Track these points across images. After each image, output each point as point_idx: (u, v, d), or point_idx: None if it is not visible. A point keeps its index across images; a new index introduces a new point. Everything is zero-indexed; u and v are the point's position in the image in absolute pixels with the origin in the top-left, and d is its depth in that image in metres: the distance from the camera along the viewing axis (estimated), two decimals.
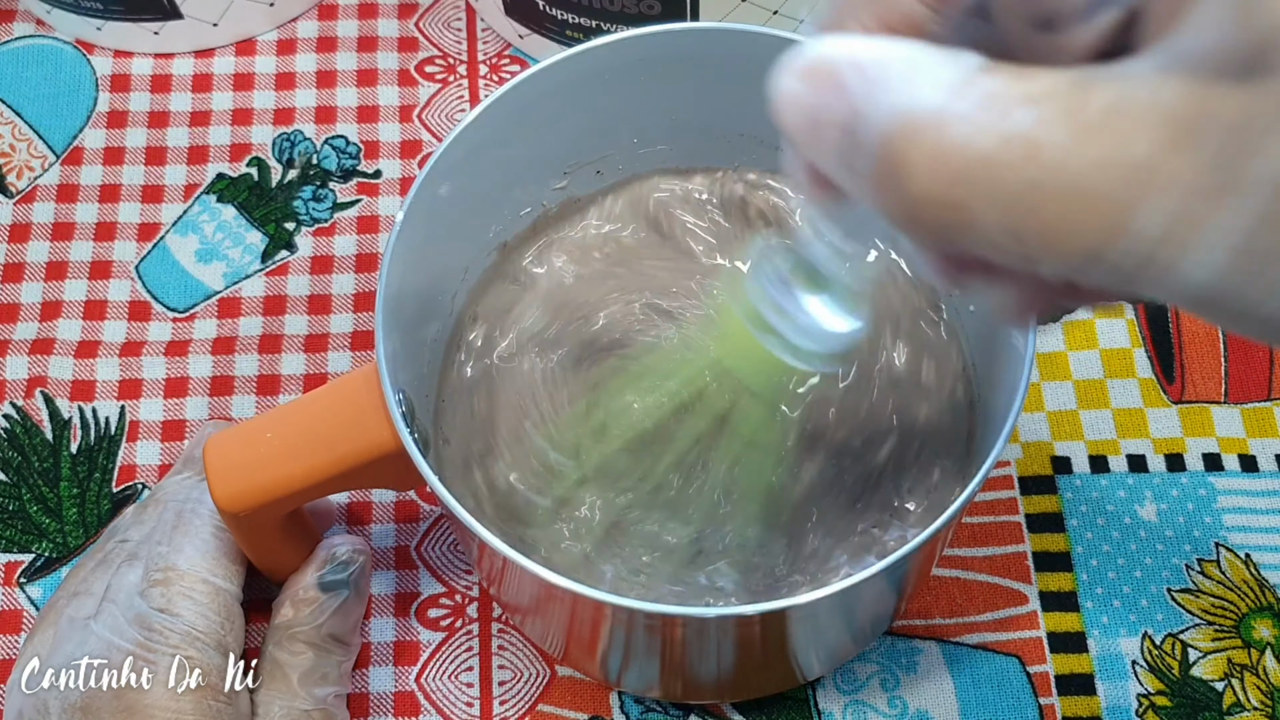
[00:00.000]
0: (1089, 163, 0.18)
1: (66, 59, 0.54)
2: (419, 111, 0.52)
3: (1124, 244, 0.18)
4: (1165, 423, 0.45)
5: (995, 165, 0.18)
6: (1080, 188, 0.18)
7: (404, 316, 0.36)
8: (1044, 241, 0.18)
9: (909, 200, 0.19)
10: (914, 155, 0.19)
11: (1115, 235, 0.18)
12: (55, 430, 0.46)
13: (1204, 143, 0.17)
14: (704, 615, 0.32)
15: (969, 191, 0.19)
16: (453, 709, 0.42)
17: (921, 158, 0.19)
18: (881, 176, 0.19)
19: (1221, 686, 0.41)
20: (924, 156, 0.19)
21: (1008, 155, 0.18)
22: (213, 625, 0.37)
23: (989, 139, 0.18)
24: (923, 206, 0.19)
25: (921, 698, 0.41)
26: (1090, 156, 0.18)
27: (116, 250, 0.50)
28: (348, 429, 0.34)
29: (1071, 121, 0.18)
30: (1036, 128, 0.18)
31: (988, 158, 0.18)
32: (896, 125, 0.19)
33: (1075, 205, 0.18)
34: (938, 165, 0.19)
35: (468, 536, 0.34)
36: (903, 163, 0.19)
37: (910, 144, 0.19)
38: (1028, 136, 0.18)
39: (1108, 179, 0.18)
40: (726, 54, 0.38)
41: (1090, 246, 0.18)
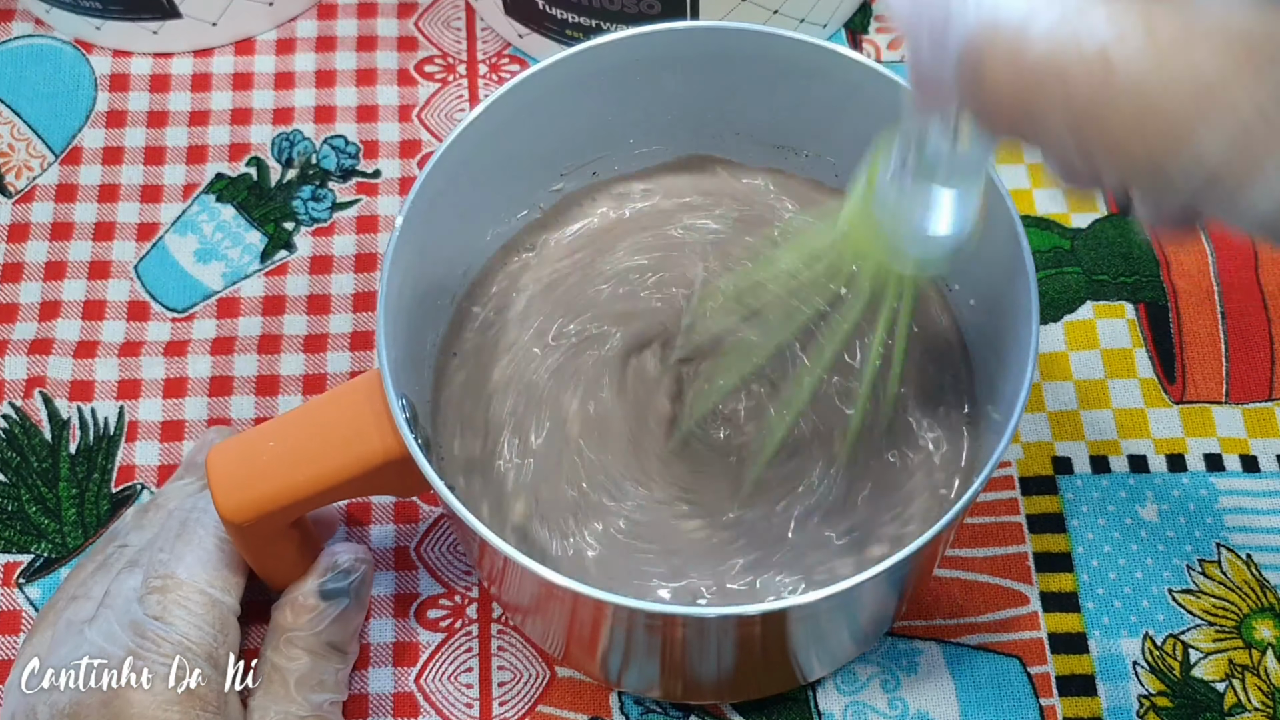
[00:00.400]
0: (1157, 79, 0.18)
1: (65, 58, 0.54)
2: (418, 111, 0.52)
3: (1185, 161, 0.18)
4: (1166, 423, 0.45)
5: (1068, 75, 0.19)
6: (1146, 102, 0.18)
7: (404, 319, 0.36)
8: (1107, 150, 0.19)
9: (988, 100, 0.20)
10: (994, 57, 0.20)
11: (1176, 150, 0.18)
12: (54, 430, 0.46)
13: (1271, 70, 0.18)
14: (704, 615, 0.32)
15: (1042, 97, 0.19)
16: (452, 710, 0.42)
17: (1001, 61, 0.20)
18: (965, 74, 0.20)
19: (1222, 687, 0.41)
20: (1003, 60, 0.20)
21: (1081, 68, 0.19)
22: (205, 637, 0.36)
23: (1065, 49, 0.19)
24: (999, 106, 0.20)
25: (922, 699, 0.41)
26: (1159, 74, 0.18)
27: (115, 250, 0.49)
28: (351, 436, 0.34)
29: (1144, 38, 0.18)
30: (1110, 42, 0.19)
31: (1062, 67, 0.19)
32: (982, 28, 0.20)
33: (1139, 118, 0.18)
34: (1014, 70, 0.20)
35: (469, 536, 0.34)
36: (984, 64, 0.20)
37: (992, 46, 0.20)
38: (1101, 49, 0.19)
39: (1173, 95, 0.18)
40: (726, 54, 0.38)
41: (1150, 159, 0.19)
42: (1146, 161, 0.19)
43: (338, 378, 0.47)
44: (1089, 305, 0.47)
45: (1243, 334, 0.47)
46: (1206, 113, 0.18)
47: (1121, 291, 0.48)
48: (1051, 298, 0.48)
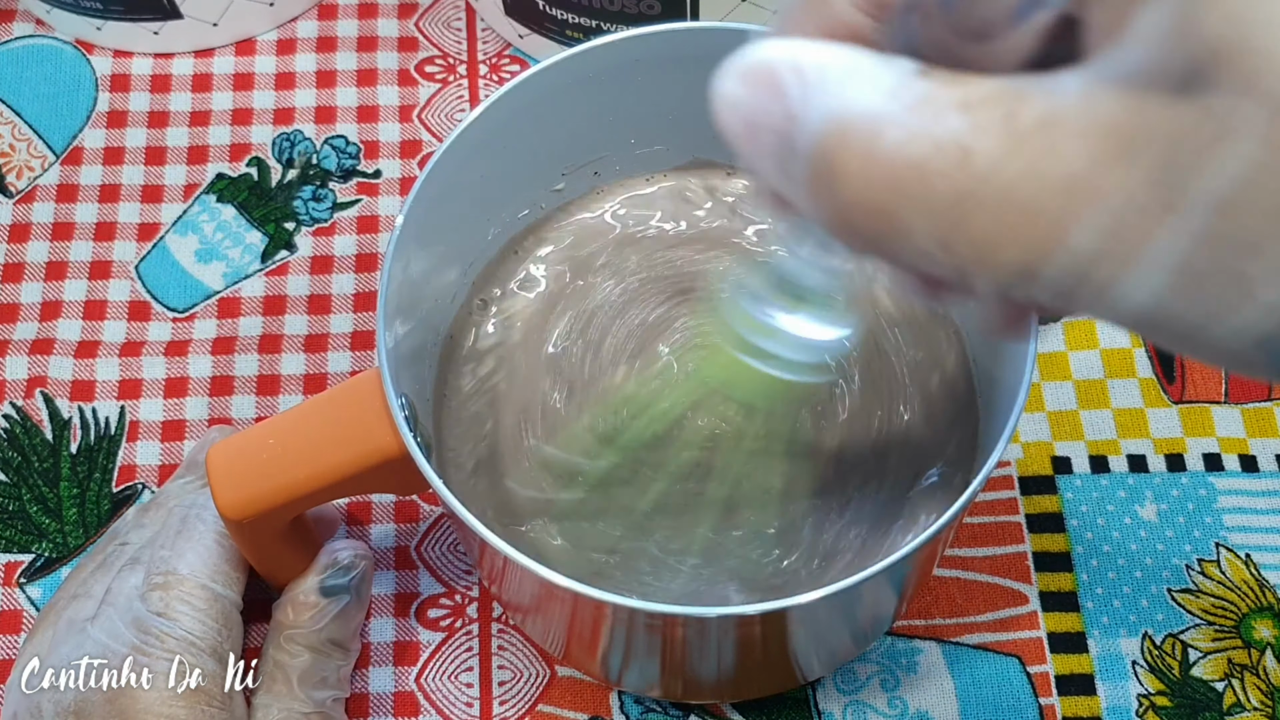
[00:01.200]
0: (1021, 173, 0.17)
1: (66, 59, 0.54)
2: (419, 111, 0.52)
3: (1058, 260, 0.17)
4: (1166, 423, 0.45)
5: (927, 172, 0.18)
6: (1012, 199, 0.17)
7: (405, 318, 0.36)
8: (976, 254, 0.18)
9: (841, 206, 0.19)
10: (846, 159, 0.18)
11: (1048, 250, 0.17)
12: (55, 430, 0.46)
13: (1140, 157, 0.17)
14: (704, 615, 0.32)
15: (900, 198, 0.18)
16: (452, 709, 0.42)
17: (854, 161, 0.18)
18: (815, 181, 0.19)
19: (1222, 687, 0.41)
20: (856, 160, 0.18)
21: (939, 162, 0.18)
22: (209, 632, 0.37)
23: (921, 144, 0.18)
24: (855, 213, 0.19)
25: (922, 698, 0.41)
26: (1022, 166, 0.17)
27: (116, 250, 0.49)
28: (351, 435, 0.34)
29: (1004, 129, 0.17)
30: (969, 134, 0.17)
31: (920, 164, 0.18)
32: (830, 128, 0.18)
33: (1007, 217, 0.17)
34: (869, 170, 0.18)
35: (469, 537, 0.34)
36: (835, 167, 0.18)
37: (843, 147, 0.18)
38: (960, 143, 0.17)
39: (1040, 191, 0.17)
40: (727, 54, 0.38)
41: (1023, 261, 0.18)
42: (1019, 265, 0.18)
43: (338, 377, 0.47)
44: None
45: None
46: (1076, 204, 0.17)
47: None
48: None
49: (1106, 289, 0.17)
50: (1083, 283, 0.17)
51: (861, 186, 0.18)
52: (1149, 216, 0.17)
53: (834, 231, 0.19)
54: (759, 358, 0.27)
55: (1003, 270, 0.18)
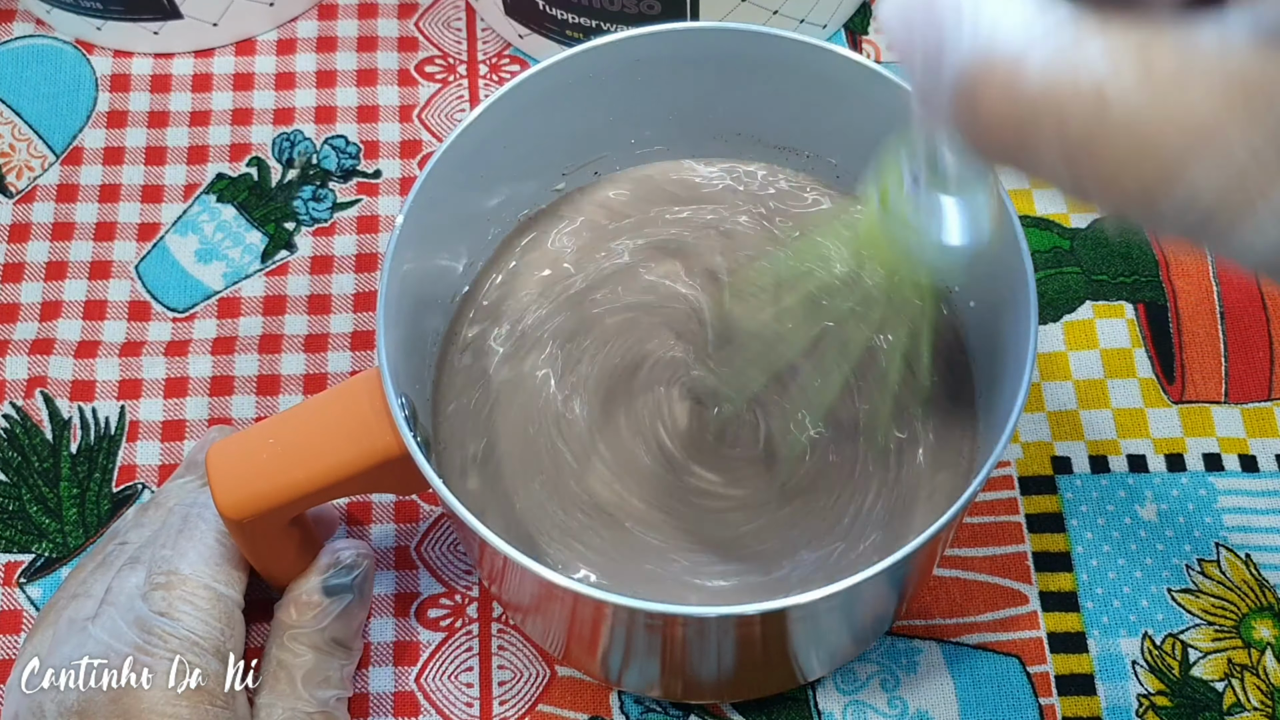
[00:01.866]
0: (1151, 114, 0.18)
1: (66, 59, 0.54)
2: (419, 111, 0.52)
3: (1176, 198, 0.18)
4: (1165, 423, 0.45)
5: (1063, 108, 0.19)
6: (1140, 138, 0.18)
7: (404, 318, 0.36)
8: (1099, 180, 0.19)
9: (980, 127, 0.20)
10: (990, 87, 0.20)
11: (1169, 187, 0.18)
12: (55, 430, 0.46)
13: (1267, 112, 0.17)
14: (704, 615, 0.32)
15: (1036, 129, 0.19)
16: (452, 709, 0.42)
17: (996, 91, 0.20)
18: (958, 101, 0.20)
19: (1222, 687, 0.41)
20: (998, 90, 0.20)
21: (1076, 101, 0.19)
22: (212, 631, 0.37)
23: (1061, 82, 0.19)
24: (992, 135, 0.20)
25: (922, 698, 0.41)
26: (1154, 110, 0.18)
27: (116, 250, 0.49)
28: (351, 435, 0.34)
29: (1141, 72, 0.18)
30: (1107, 75, 0.19)
31: (1057, 101, 0.19)
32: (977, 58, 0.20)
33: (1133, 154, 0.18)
34: (1009, 101, 0.19)
35: (469, 536, 0.34)
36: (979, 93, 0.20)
37: (988, 76, 0.20)
38: (1098, 82, 0.19)
39: (1167, 133, 0.18)
40: (726, 54, 0.38)
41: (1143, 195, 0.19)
42: (1139, 196, 0.19)
43: (338, 377, 0.47)
44: (1088, 305, 0.47)
45: (1242, 334, 0.47)
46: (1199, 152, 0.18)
47: (1121, 291, 0.48)
48: (1051, 298, 0.48)
49: (1225, 232, 0.18)
50: (1204, 223, 0.19)
51: (998, 114, 0.20)
52: (1270, 170, 0.18)
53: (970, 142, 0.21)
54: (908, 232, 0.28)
55: (1122, 197, 0.19)
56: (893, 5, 0.22)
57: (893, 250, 0.29)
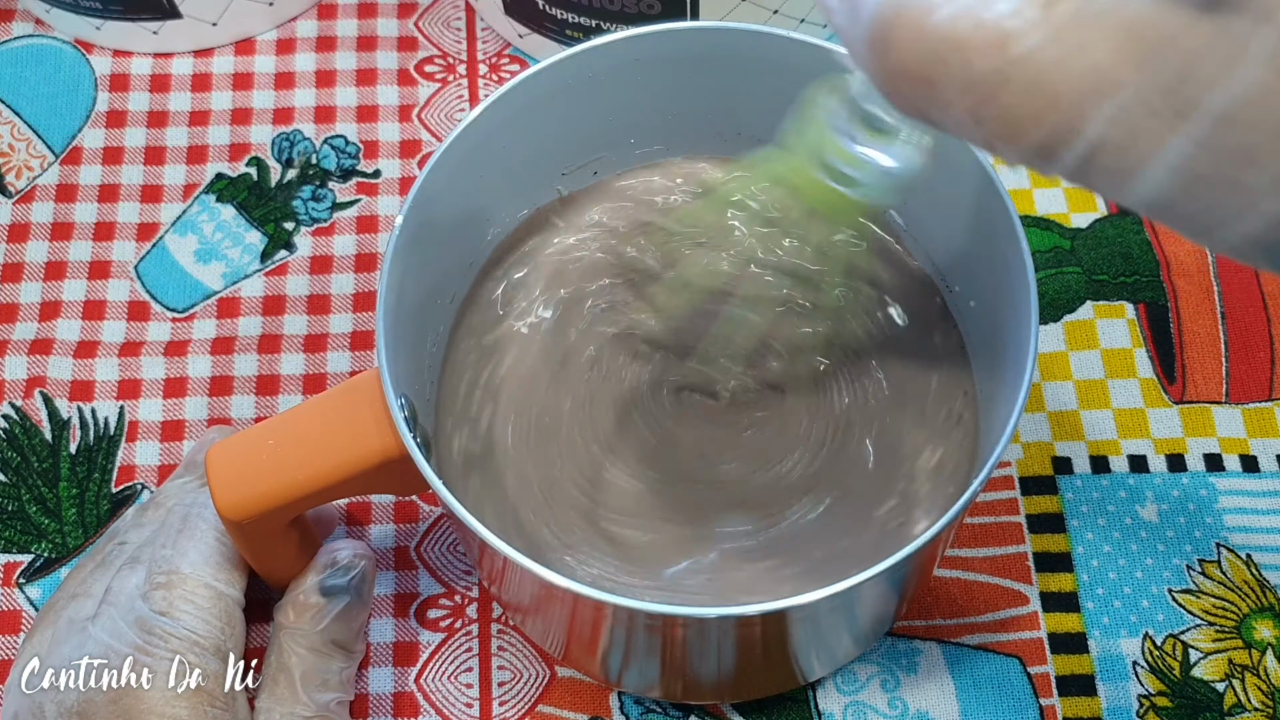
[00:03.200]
0: (1051, 61, 0.19)
1: (66, 59, 0.54)
2: (418, 111, 0.52)
3: (1074, 145, 0.19)
4: (1166, 423, 0.45)
5: (967, 49, 0.19)
6: (1039, 83, 0.19)
7: (404, 319, 0.36)
8: (1003, 130, 0.20)
9: (891, 70, 0.21)
10: (899, 29, 0.20)
11: (1066, 135, 0.19)
12: (54, 430, 0.46)
13: (1161, 64, 0.18)
14: (704, 615, 0.32)
15: (942, 71, 0.20)
16: (452, 710, 0.42)
17: (904, 31, 0.20)
18: (871, 44, 0.21)
19: (1222, 687, 0.41)
20: (907, 31, 0.20)
21: (979, 42, 0.19)
22: (213, 630, 0.37)
23: (966, 24, 0.19)
24: (901, 79, 0.21)
25: (922, 699, 0.41)
26: (1053, 55, 0.19)
27: (115, 250, 0.49)
28: (350, 436, 0.34)
29: (1041, 17, 0.19)
30: (1009, 19, 0.19)
31: (962, 41, 0.20)
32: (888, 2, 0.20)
33: (1033, 100, 0.19)
34: (917, 41, 0.20)
35: (469, 537, 0.34)
36: (889, 34, 0.20)
37: (897, 18, 0.20)
38: (1001, 26, 0.19)
39: (1065, 79, 0.19)
40: (726, 53, 0.38)
41: (1044, 142, 0.19)
42: (1041, 145, 0.20)
43: (338, 377, 0.47)
44: (1089, 305, 0.47)
45: (1243, 334, 0.47)
46: (1095, 101, 0.19)
47: (1121, 291, 0.48)
48: (1051, 298, 0.48)
49: (1116, 177, 0.19)
50: (1095, 168, 0.19)
51: (909, 55, 0.20)
52: (1160, 119, 0.18)
53: (884, 92, 0.21)
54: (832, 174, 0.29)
55: (1025, 147, 0.20)
56: None
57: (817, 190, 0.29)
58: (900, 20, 0.20)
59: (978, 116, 0.20)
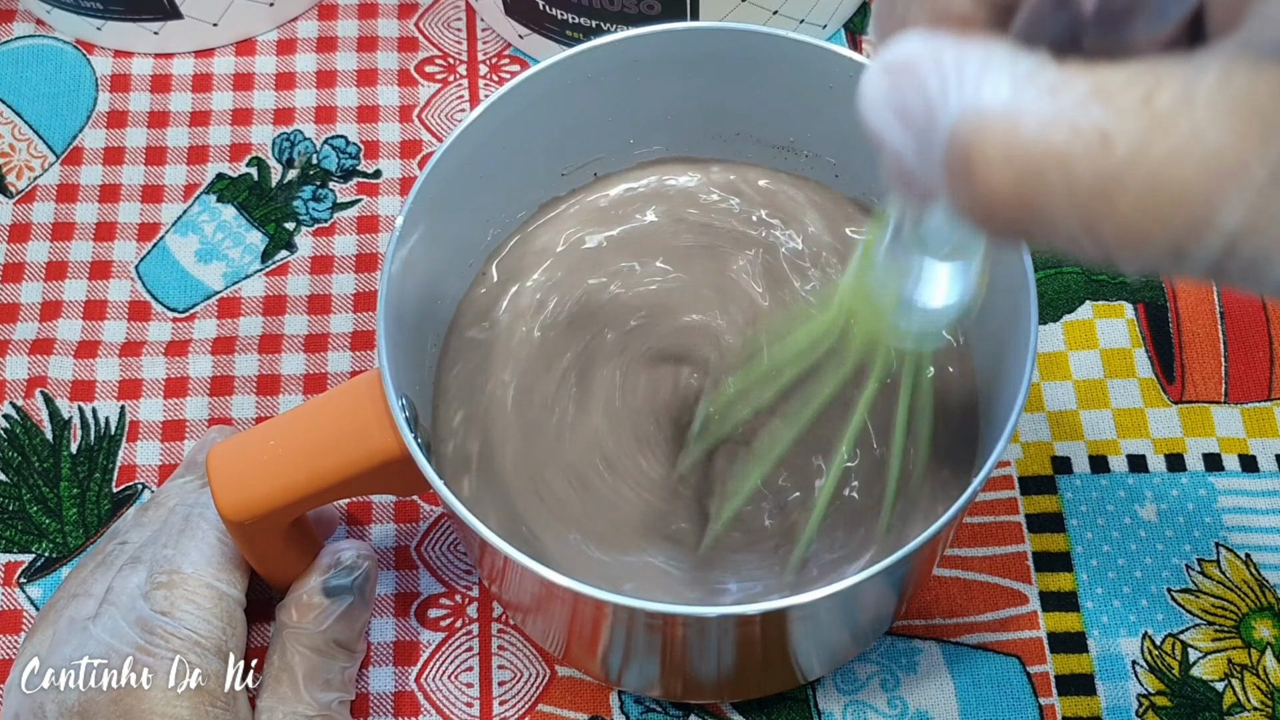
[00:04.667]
0: (1164, 155, 0.17)
1: (66, 59, 0.54)
2: (419, 111, 0.52)
3: (1208, 240, 0.17)
4: (1165, 423, 0.45)
5: (1067, 159, 0.18)
6: (1156, 181, 0.17)
7: (405, 319, 0.36)
8: (1123, 239, 0.18)
9: (981, 196, 0.19)
10: (984, 149, 0.19)
11: (1197, 232, 0.17)
12: (55, 430, 0.46)
13: None
14: (705, 615, 0.32)
15: (1041, 187, 0.18)
16: (453, 709, 0.42)
17: (991, 151, 0.18)
18: (953, 171, 0.19)
19: (1221, 687, 0.41)
20: (994, 150, 0.18)
21: (1079, 148, 0.18)
22: (214, 630, 0.37)
23: (1059, 131, 0.18)
24: (995, 203, 0.19)
25: (922, 698, 0.41)
26: (1165, 149, 0.17)
27: (116, 250, 0.49)
28: (351, 436, 0.34)
29: (1143, 112, 0.17)
30: (1107, 119, 0.18)
31: (1059, 151, 0.18)
32: (968, 118, 0.19)
33: (1152, 201, 0.17)
34: (1007, 160, 0.18)
35: (470, 536, 0.34)
36: (973, 157, 0.19)
37: (980, 137, 0.19)
38: (1099, 128, 0.18)
39: (1185, 172, 0.17)
40: (726, 54, 0.38)
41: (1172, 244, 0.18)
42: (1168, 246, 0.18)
43: (338, 377, 0.47)
44: (1088, 305, 0.47)
45: (1242, 334, 0.47)
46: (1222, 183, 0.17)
47: (1121, 291, 0.48)
48: (1051, 298, 0.48)
49: (1256, 264, 0.18)
50: (1236, 260, 0.18)
51: (1001, 177, 0.18)
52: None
53: (974, 220, 0.20)
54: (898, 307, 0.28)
55: (1152, 254, 0.18)
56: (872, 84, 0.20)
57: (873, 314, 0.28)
58: (985, 139, 0.18)
59: (1092, 230, 0.18)
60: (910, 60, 0.20)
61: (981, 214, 0.19)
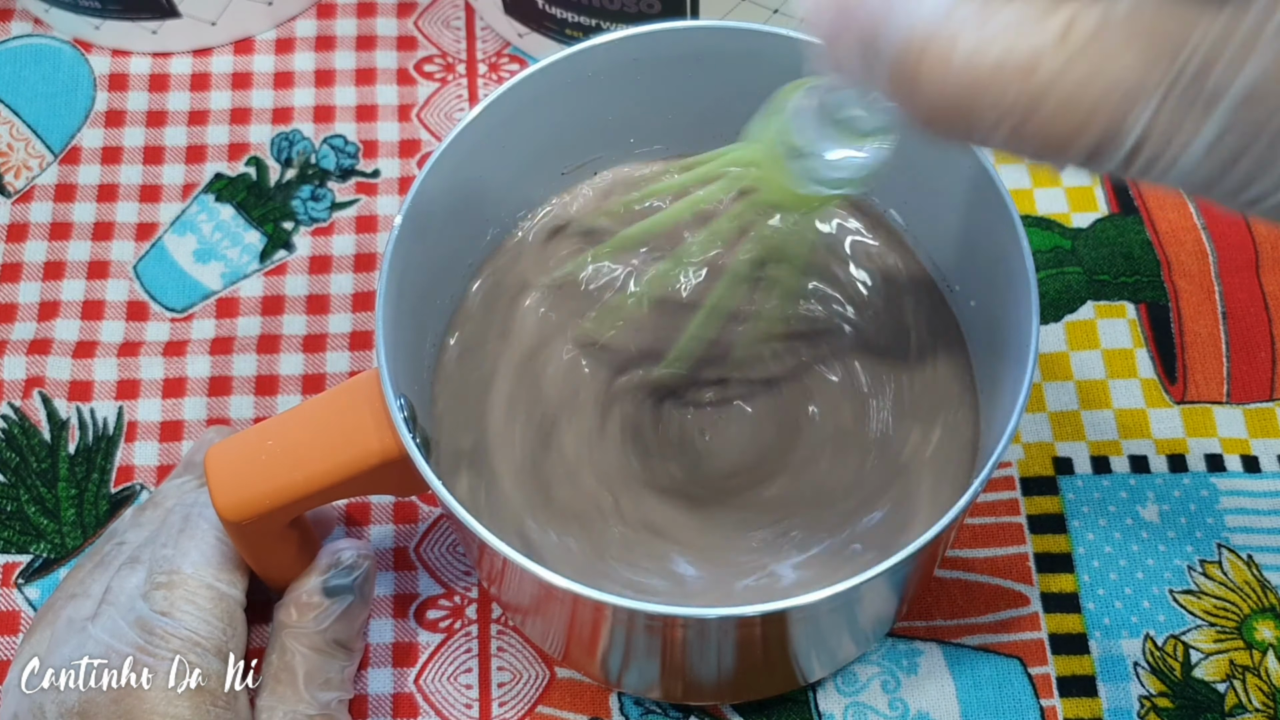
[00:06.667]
0: (1080, 77, 0.20)
1: (64, 58, 0.54)
2: (418, 111, 0.52)
3: (1116, 147, 0.20)
4: (1167, 423, 0.45)
5: (997, 79, 0.20)
6: (1073, 101, 0.20)
7: (403, 319, 0.36)
8: (1045, 144, 0.21)
9: (924, 105, 0.21)
10: (924, 68, 0.21)
11: (1108, 142, 0.20)
12: (53, 431, 0.46)
13: (1183, 61, 0.19)
14: (705, 616, 0.32)
15: (975, 101, 0.21)
16: (452, 710, 0.41)
17: (932, 69, 0.21)
18: (898, 84, 0.21)
19: (1223, 688, 0.41)
20: (933, 69, 0.21)
21: (1007, 70, 0.20)
22: (214, 630, 0.36)
23: (991, 55, 0.20)
24: (935, 111, 0.21)
25: (923, 699, 0.41)
26: (1080, 71, 0.20)
27: (114, 250, 0.49)
28: (350, 436, 0.34)
29: (1065, 37, 0.20)
30: (1032, 44, 0.20)
31: (990, 72, 0.20)
32: (910, 39, 0.21)
33: (1071, 115, 0.20)
34: (946, 78, 0.21)
35: (469, 538, 0.33)
36: (917, 74, 0.21)
37: (922, 57, 0.21)
38: (1025, 51, 0.20)
39: (1097, 93, 0.20)
40: (726, 53, 0.38)
41: (1087, 149, 0.21)
42: (1084, 153, 0.21)
43: (337, 377, 0.47)
44: (1090, 305, 0.47)
45: (1244, 334, 0.47)
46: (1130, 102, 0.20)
47: (1122, 291, 0.48)
48: (1052, 298, 0.47)
49: (1156, 165, 0.21)
50: (1140, 163, 0.21)
51: (940, 91, 0.21)
52: (1191, 110, 0.20)
53: (917, 123, 0.22)
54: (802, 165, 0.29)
55: (1070, 156, 0.21)
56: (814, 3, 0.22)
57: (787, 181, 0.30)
58: (926, 59, 0.21)
59: (1020, 137, 0.21)
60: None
61: (924, 118, 0.22)
